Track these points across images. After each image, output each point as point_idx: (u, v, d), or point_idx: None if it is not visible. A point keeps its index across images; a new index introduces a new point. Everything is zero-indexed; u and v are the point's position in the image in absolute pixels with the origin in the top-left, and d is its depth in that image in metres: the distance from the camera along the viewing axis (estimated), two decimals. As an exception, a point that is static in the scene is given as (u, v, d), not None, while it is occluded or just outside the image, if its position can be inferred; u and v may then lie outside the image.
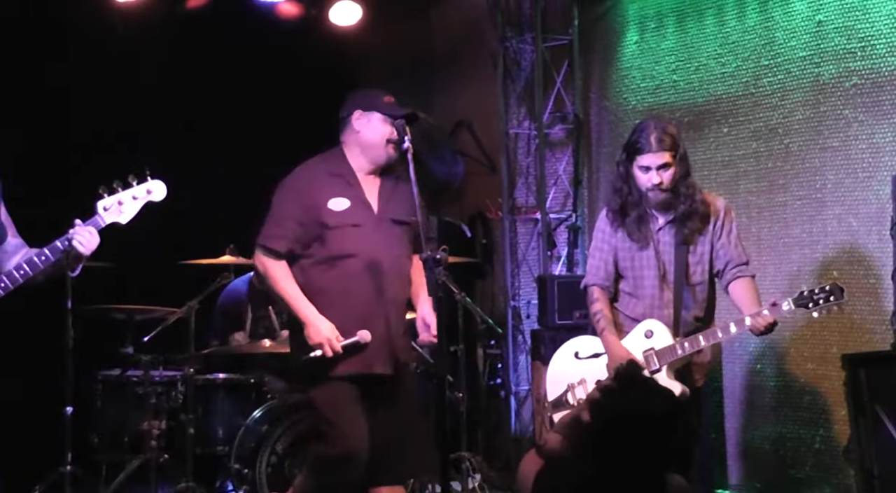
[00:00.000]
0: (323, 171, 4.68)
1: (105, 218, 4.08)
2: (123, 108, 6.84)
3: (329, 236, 4.57)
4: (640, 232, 4.69)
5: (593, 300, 4.80)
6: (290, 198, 4.64)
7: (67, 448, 5.73)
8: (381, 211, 4.66)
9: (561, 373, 4.84)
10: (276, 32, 7.03)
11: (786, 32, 6.06)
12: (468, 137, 7.58)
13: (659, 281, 4.70)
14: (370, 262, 4.59)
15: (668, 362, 4.58)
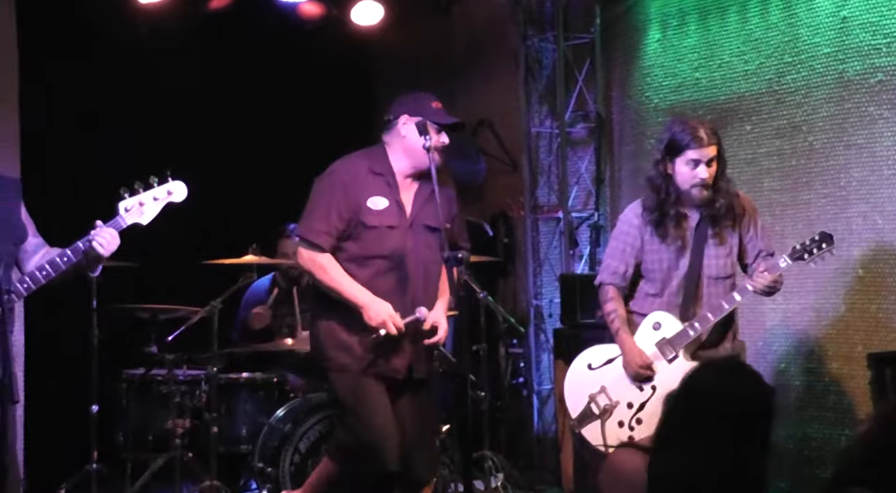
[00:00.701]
0: (365, 167, 4.66)
1: (126, 219, 4.11)
2: (146, 108, 6.91)
3: (365, 235, 4.59)
4: (676, 232, 4.72)
5: (608, 299, 4.84)
6: (334, 191, 4.61)
7: (93, 447, 5.95)
8: (413, 216, 4.65)
9: (578, 388, 4.88)
10: (299, 32, 7.02)
11: (810, 29, 6.05)
12: (490, 136, 7.59)
13: (687, 280, 4.73)
14: (399, 265, 4.61)
15: (684, 345, 4.66)
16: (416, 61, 7.84)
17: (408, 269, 4.62)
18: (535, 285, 7.38)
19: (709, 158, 4.60)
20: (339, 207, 4.58)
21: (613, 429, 4.76)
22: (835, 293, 5.92)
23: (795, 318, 6.08)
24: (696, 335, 4.66)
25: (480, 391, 6.29)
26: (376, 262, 4.59)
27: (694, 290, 4.72)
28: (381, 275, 4.59)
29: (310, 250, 4.61)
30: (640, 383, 4.73)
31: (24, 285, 3.99)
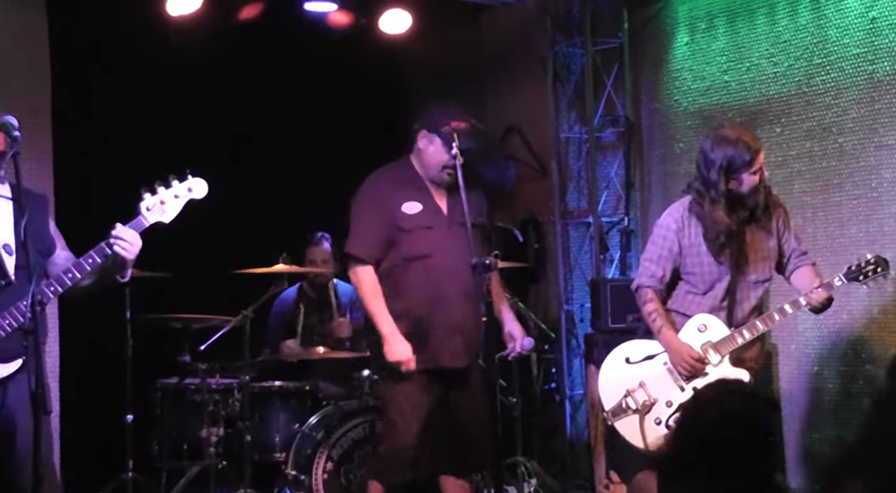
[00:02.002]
0: (392, 179, 4.97)
1: (148, 218, 4.09)
2: (178, 118, 6.90)
3: (404, 239, 4.86)
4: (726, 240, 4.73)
5: (647, 300, 4.87)
6: (368, 206, 4.93)
7: (129, 455, 6.01)
8: (450, 214, 4.91)
9: (614, 380, 4.90)
10: (328, 41, 7.00)
11: (839, 30, 6.02)
12: (519, 142, 7.60)
13: (730, 283, 4.76)
14: (443, 261, 4.84)
15: (729, 351, 4.68)
16: (445, 69, 7.92)
17: (454, 266, 4.79)
18: (565, 290, 7.39)
19: (762, 161, 4.70)
20: (376, 219, 4.89)
21: (651, 426, 4.78)
22: (868, 296, 5.82)
23: (828, 321, 5.99)
24: (744, 343, 4.69)
25: (512, 397, 6.37)
26: (421, 262, 4.84)
27: (736, 293, 4.76)
28: (429, 275, 4.84)
29: (355, 265, 4.93)
30: (684, 382, 4.74)
31: (50, 288, 3.98)
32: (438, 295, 4.85)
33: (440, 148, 4.83)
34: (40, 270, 4.03)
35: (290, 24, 6.84)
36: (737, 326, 4.73)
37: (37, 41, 5.79)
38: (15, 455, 3.94)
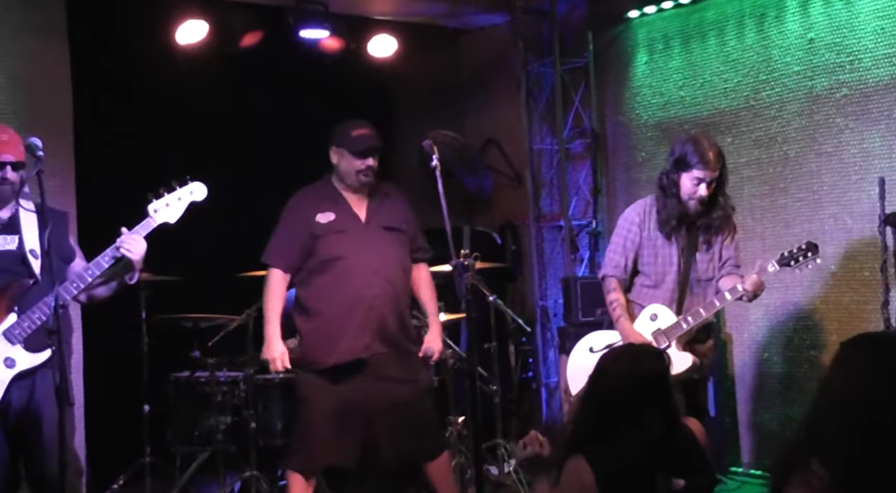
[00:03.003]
0: (311, 194, 4.99)
1: (156, 219, 4.14)
2: (185, 136, 6.88)
3: (319, 244, 4.85)
4: (673, 235, 4.75)
5: (611, 290, 4.87)
6: (285, 219, 4.97)
7: (146, 442, 6.01)
8: (368, 220, 4.90)
9: (579, 368, 4.85)
10: (321, 65, 7.00)
11: (781, 50, 6.10)
12: (496, 154, 7.58)
13: (678, 277, 4.75)
14: (357, 261, 4.83)
15: (676, 336, 4.67)
16: (428, 88, 7.92)
17: (369, 264, 4.83)
18: (540, 287, 7.36)
19: (711, 179, 4.64)
20: (290, 230, 4.93)
21: None
22: (811, 288, 5.95)
23: (776, 311, 6.11)
24: (688, 328, 4.67)
25: (493, 386, 6.34)
26: (336, 263, 4.82)
27: (686, 288, 4.74)
28: (345, 274, 4.81)
29: (267, 269, 4.95)
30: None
31: (74, 285, 4.01)
32: (352, 292, 4.80)
33: (350, 156, 4.86)
34: (62, 276, 4.06)
35: (287, 50, 6.82)
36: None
37: (60, 69, 5.78)
38: (42, 443, 3.97)
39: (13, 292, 4.00)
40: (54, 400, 3.72)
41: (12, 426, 4.01)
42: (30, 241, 4.06)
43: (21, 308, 3.99)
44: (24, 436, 4.03)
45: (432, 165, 4.58)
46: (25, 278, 4.02)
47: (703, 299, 4.76)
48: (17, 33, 5.57)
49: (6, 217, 4.07)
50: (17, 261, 4.04)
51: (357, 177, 4.88)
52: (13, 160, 3.97)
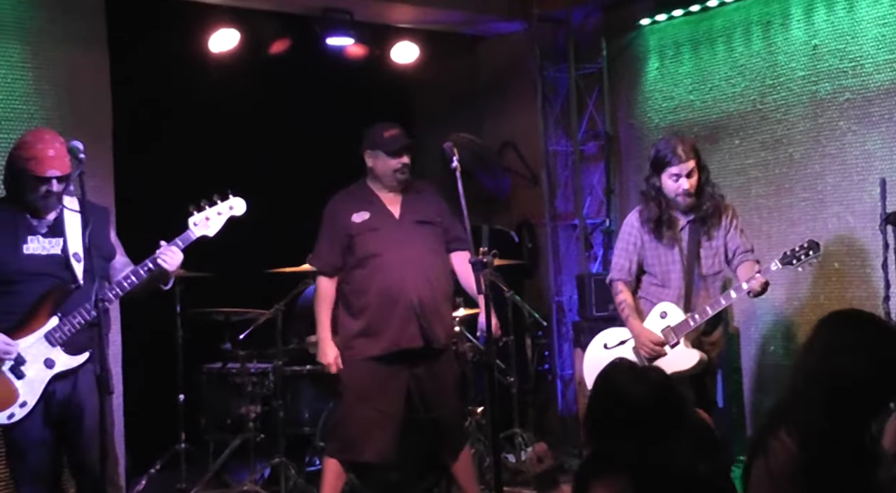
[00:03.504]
0: (347, 197, 5.02)
1: (195, 232, 4.18)
2: (217, 139, 6.91)
3: (356, 243, 4.89)
4: (667, 234, 4.73)
5: (618, 292, 4.87)
6: (324, 224, 5.02)
7: (181, 429, 6.05)
8: (402, 216, 4.91)
9: (594, 363, 4.86)
10: (346, 71, 7.03)
11: (786, 56, 6.10)
12: (514, 156, 7.57)
13: (684, 274, 4.72)
14: (393, 256, 4.84)
15: (685, 333, 4.65)
16: (448, 93, 7.93)
17: (405, 259, 4.84)
18: (555, 283, 7.35)
19: (688, 170, 4.62)
20: (330, 233, 4.96)
21: None
22: (815, 284, 5.95)
23: (781, 306, 6.10)
24: (696, 325, 4.64)
25: (510, 377, 6.35)
26: (372, 259, 4.85)
27: (692, 285, 4.70)
28: (382, 269, 4.84)
29: (316, 275, 5.03)
30: (650, 362, 4.65)
31: (112, 291, 4.05)
32: (392, 286, 4.81)
33: (384, 158, 4.87)
34: (103, 272, 4.11)
35: (314, 57, 6.84)
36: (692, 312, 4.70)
37: (100, 76, 5.78)
38: (84, 432, 4.01)
39: (56, 296, 4.04)
40: (95, 392, 3.76)
41: (56, 416, 4.05)
42: (73, 244, 4.08)
43: (63, 312, 4.02)
44: (66, 426, 4.07)
45: (452, 167, 4.57)
46: (68, 283, 4.06)
47: (711, 293, 4.73)
48: (60, 43, 5.59)
49: (51, 220, 4.11)
50: (61, 265, 4.06)
51: (394, 175, 4.90)
52: (59, 174, 3.98)
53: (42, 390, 4.00)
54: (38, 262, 4.05)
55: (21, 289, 4.02)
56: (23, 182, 4.01)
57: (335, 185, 5.14)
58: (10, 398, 3.95)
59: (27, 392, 3.98)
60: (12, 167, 4.06)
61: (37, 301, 4.02)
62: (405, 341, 4.82)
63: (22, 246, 4.05)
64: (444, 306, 4.98)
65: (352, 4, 6.63)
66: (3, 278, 4.03)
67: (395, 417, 4.86)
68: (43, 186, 3.98)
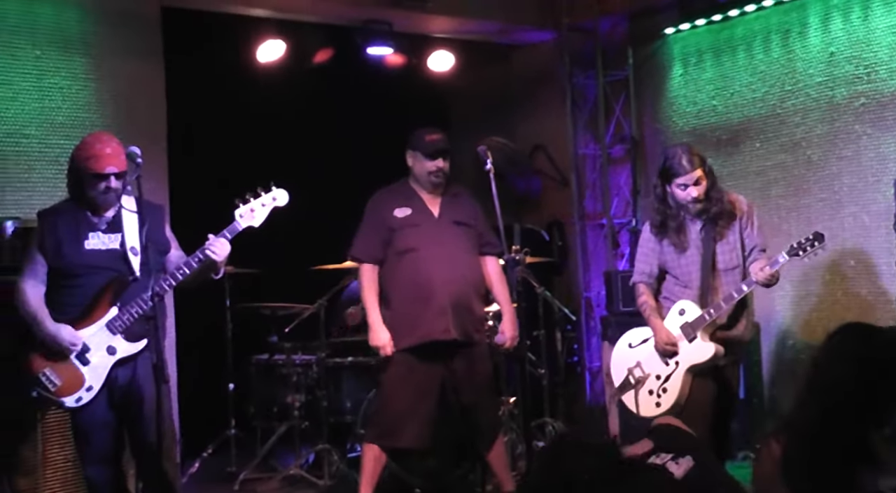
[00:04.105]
0: (388, 193, 5.04)
1: (241, 223, 4.22)
2: (264, 142, 6.99)
3: (396, 237, 4.91)
4: (681, 238, 4.69)
5: (640, 294, 4.84)
6: (366, 217, 5.02)
7: (231, 417, 6.15)
8: (440, 215, 4.95)
9: (620, 362, 4.88)
10: (386, 79, 7.09)
11: (804, 62, 6.11)
12: (544, 158, 7.57)
13: (701, 272, 4.69)
14: (430, 251, 4.87)
15: (702, 328, 4.61)
16: (482, 99, 7.95)
17: (441, 255, 4.87)
18: (584, 280, 7.37)
19: (695, 179, 4.57)
20: (372, 225, 4.97)
21: (645, 396, 4.71)
22: (832, 281, 5.96)
23: (800, 302, 6.11)
24: (712, 319, 4.58)
25: (541, 369, 6.37)
26: (411, 253, 4.88)
27: (711, 281, 4.64)
28: (419, 263, 4.86)
29: (358, 264, 5.01)
30: (667, 358, 4.67)
31: (167, 282, 4.13)
32: (427, 281, 4.83)
33: (423, 159, 4.91)
34: (159, 266, 4.18)
35: (355, 66, 6.89)
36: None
37: (156, 85, 5.88)
38: (143, 416, 4.09)
39: (115, 288, 4.13)
40: (153, 379, 3.87)
41: (118, 400, 4.16)
42: (131, 239, 4.17)
43: (122, 303, 4.12)
44: (127, 410, 4.16)
45: (486, 169, 4.66)
46: (126, 275, 4.14)
47: (728, 286, 4.67)
48: (120, 56, 5.71)
49: (110, 216, 4.21)
50: (119, 259, 4.15)
51: (429, 177, 4.92)
52: (117, 171, 4.07)
53: (105, 376, 4.12)
54: (98, 256, 4.15)
55: (83, 282, 4.13)
56: (83, 180, 4.12)
57: (375, 186, 5.15)
58: (77, 384, 4.08)
59: (92, 377, 4.10)
60: (73, 167, 4.17)
61: (98, 293, 4.12)
62: (438, 333, 4.82)
63: (83, 242, 4.14)
64: (477, 301, 5.00)
65: (391, 16, 6.70)
66: (67, 273, 4.13)
67: (430, 406, 4.89)
68: (102, 182, 4.09)
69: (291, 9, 6.49)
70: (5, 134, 5.37)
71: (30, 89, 5.45)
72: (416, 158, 4.95)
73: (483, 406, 5.02)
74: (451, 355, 4.90)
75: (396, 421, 4.88)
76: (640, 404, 4.74)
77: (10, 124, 5.38)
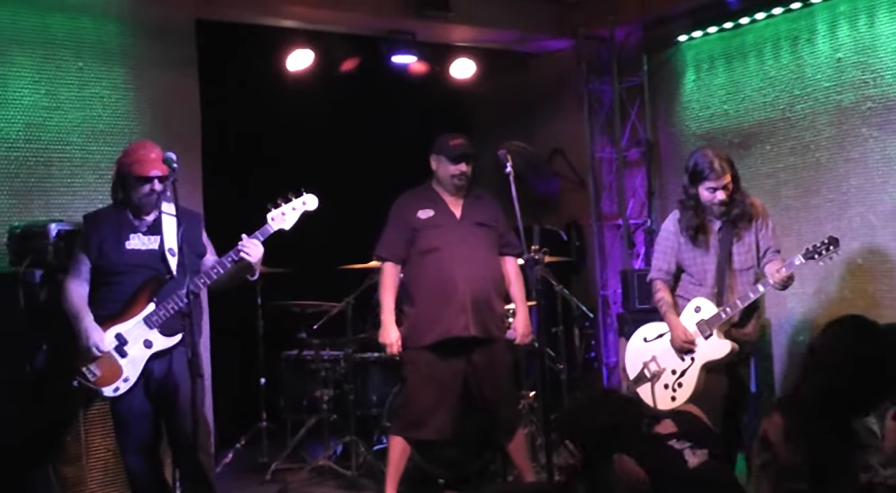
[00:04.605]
0: (412, 196, 5.10)
1: (273, 226, 4.30)
2: (293, 145, 7.00)
3: (419, 237, 4.98)
4: (702, 238, 4.71)
5: (657, 290, 4.87)
6: (391, 218, 5.08)
7: (263, 410, 6.18)
8: (463, 217, 4.99)
9: (635, 356, 4.89)
10: (409, 86, 7.11)
11: (813, 68, 6.10)
12: (562, 161, 7.58)
13: (719, 272, 4.69)
14: (452, 251, 4.92)
15: (717, 325, 4.65)
16: (502, 104, 7.97)
17: (462, 255, 4.90)
18: (601, 278, 7.37)
19: (724, 184, 4.61)
20: (396, 225, 5.02)
21: (661, 390, 4.73)
22: (840, 279, 5.94)
23: (810, 299, 6.10)
24: (728, 318, 4.62)
25: (560, 364, 6.38)
26: (433, 253, 4.94)
27: (726, 280, 4.67)
28: (441, 262, 4.91)
29: (380, 263, 5.05)
30: (683, 354, 4.70)
31: (202, 280, 4.22)
32: (448, 279, 4.86)
33: (447, 162, 4.96)
34: (195, 268, 4.28)
35: (380, 74, 6.92)
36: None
37: (191, 95, 5.94)
38: (179, 407, 4.16)
39: (153, 285, 4.24)
40: (188, 374, 3.93)
41: (154, 392, 4.25)
42: (169, 240, 4.27)
43: (159, 299, 4.22)
44: (164, 401, 4.25)
45: (506, 172, 4.72)
46: (164, 274, 4.25)
47: (743, 286, 4.71)
48: (157, 66, 5.79)
49: (150, 220, 4.31)
50: (157, 259, 4.26)
51: (452, 180, 4.96)
52: (160, 174, 4.20)
53: (142, 368, 4.21)
54: (138, 256, 4.26)
55: (123, 280, 4.24)
56: (129, 184, 4.24)
57: (399, 189, 5.17)
58: (115, 374, 4.18)
59: (129, 369, 4.20)
60: (120, 172, 4.29)
61: (137, 290, 4.23)
62: (458, 330, 4.86)
63: (125, 243, 4.26)
64: (496, 299, 5.03)
65: (415, 26, 6.74)
66: (109, 271, 4.25)
67: (452, 399, 4.93)
68: (147, 185, 4.22)
69: (320, 20, 6.52)
70: (49, 141, 5.45)
71: (73, 99, 5.54)
72: (441, 161, 4.99)
73: (503, 400, 5.05)
74: (471, 350, 4.93)
75: (421, 414, 4.93)
76: (656, 398, 4.75)
77: (54, 132, 5.47)
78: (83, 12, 5.55)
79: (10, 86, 5.33)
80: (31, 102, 5.40)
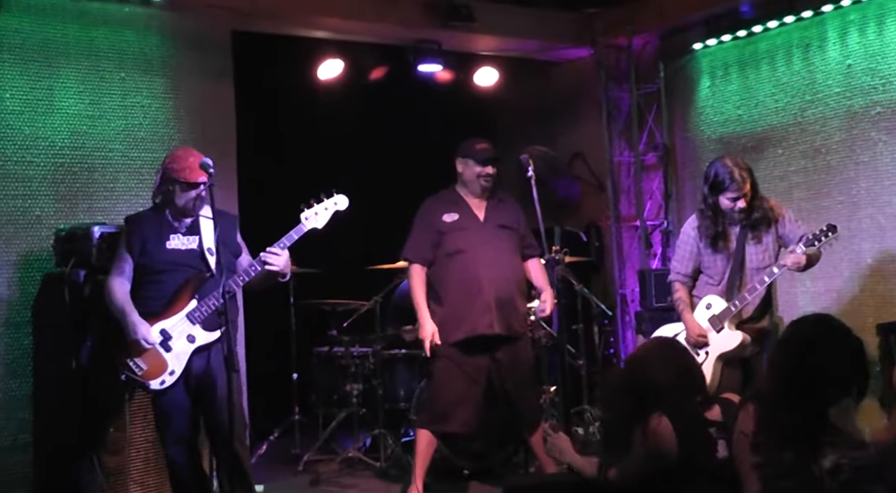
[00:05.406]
0: (437, 199, 5.12)
1: (306, 225, 4.34)
2: (324, 151, 7.03)
3: (444, 239, 5.00)
4: (722, 244, 4.71)
5: (675, 291, 4.89)
6: (417, 221, 5.11)
7: (295, 403, 6.21)
8: (486, 219, 5.00)
9: None
10: (435, 93, 7.13)
11: (823, 74, 6.09)
12: (582, 165, 7.60)
13: (732, 270, 4.69)
14: (476, 253, 4.94)
15: (728, 318, 4.65)
16: (524, 111, 7.97)
17: (486, 256, 4.92)
18: (619, 277, 7.37)
19: (744, 193, 4.60)
20: (421, 228, 5.04)
21: None
22: (850, 278, 5.93)
23: (820, 298, 6.08)
24: (737, 310, 4.60)
25: (580, 360, 6.42)
26: (459, 255, 4.96)
27: (740, 278, 4.67)
28: (466, 264, 4.93)
29: (408, 264, 5.07)
30: (697, 349, 4.67)
31: (240, 278, 4.28)
32: (473, 280, 4.87)
33: (473, 165, 4.98)
34: (231, 267, 4.32)
35: (407, 82, 6.95)
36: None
37: (226, 102, 5.97)
38: (216, 401, 4.21)
39: (195, 283, 4.29)
40: (224, 367, 3.96)
41: (194, 387, 4.29)
42: (207, 241, 4.31)
43: (200, 296, 4.27)
44: (202, 395, 4.29)
45: (528, 176, 4.75)
46: (204, 272, 4.30)
47: (756, 283, 4.66)
48: (196, 75, 5.83)
49: (189, 221, 4.37)
50: (197, 258, 4.31)
51: (478, 181, 4.97)
52: (205, 181, 4.23)
53: (186, 361, 4.26)
54: (178, 255, 4.31)
55: (165, 278, 4.28)
56: (176, 189, 4.29)
57: (426, 193, 5.19)
58: (161, 368, 4.22)
59: (174, 363, 4.24)
60: (167, 177, 4.33)
61: (179, 288, 4.27)
62: (482, 328, 4.87)
63: (165, 242, 4.31)
64: (519, 298, 5.04)
65: (440, 36, 6.76)
66: (151, 269, 4.29)
67: (477, 394, 4.95)
68: (194, 190, 4.28)
69: (349, 31, 6.56)
70: (93, 148, 5.51)
71: (115, 108, 5.59)
72: (467, 164, 5.02)
73: (526, 394, 5.06)
74: (495, 347, 4.95)
75: (447, 408, 4.95)
76: None
77: (98, 139, 5.52)
78: (126, 26, 5.61)
79: (57, 96, 5.39)
80: (76, 112, 5.45)
